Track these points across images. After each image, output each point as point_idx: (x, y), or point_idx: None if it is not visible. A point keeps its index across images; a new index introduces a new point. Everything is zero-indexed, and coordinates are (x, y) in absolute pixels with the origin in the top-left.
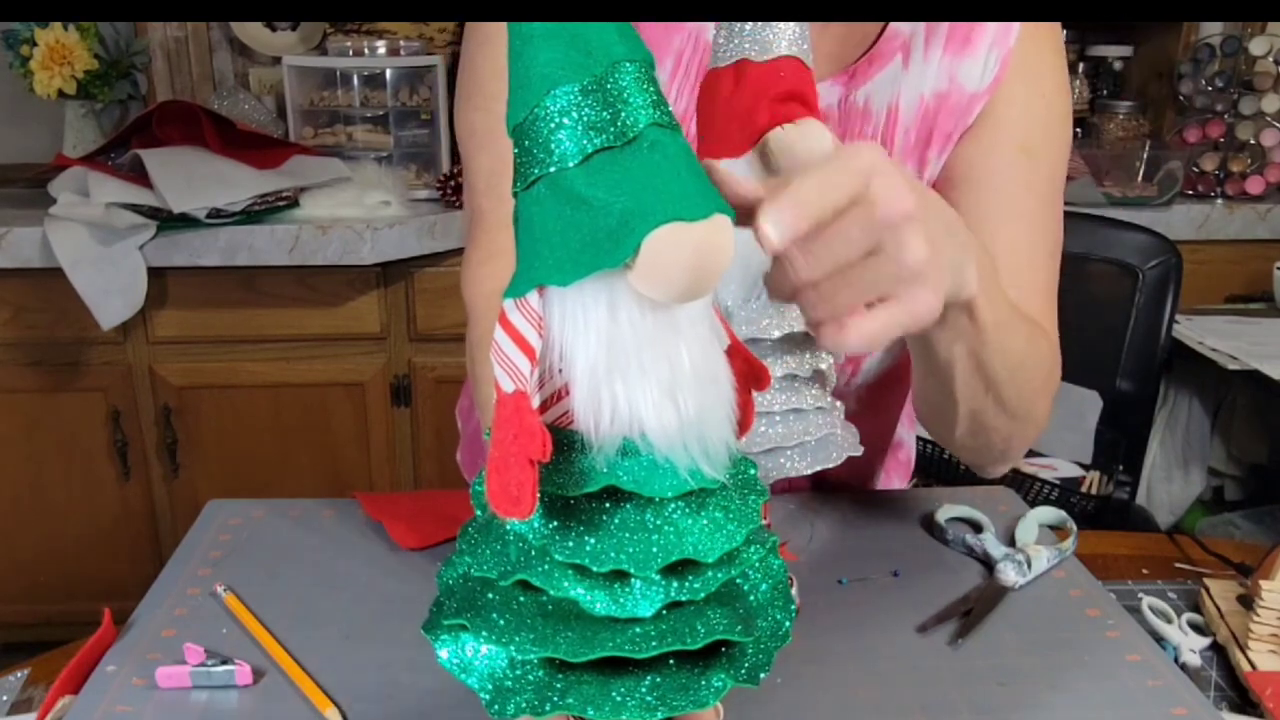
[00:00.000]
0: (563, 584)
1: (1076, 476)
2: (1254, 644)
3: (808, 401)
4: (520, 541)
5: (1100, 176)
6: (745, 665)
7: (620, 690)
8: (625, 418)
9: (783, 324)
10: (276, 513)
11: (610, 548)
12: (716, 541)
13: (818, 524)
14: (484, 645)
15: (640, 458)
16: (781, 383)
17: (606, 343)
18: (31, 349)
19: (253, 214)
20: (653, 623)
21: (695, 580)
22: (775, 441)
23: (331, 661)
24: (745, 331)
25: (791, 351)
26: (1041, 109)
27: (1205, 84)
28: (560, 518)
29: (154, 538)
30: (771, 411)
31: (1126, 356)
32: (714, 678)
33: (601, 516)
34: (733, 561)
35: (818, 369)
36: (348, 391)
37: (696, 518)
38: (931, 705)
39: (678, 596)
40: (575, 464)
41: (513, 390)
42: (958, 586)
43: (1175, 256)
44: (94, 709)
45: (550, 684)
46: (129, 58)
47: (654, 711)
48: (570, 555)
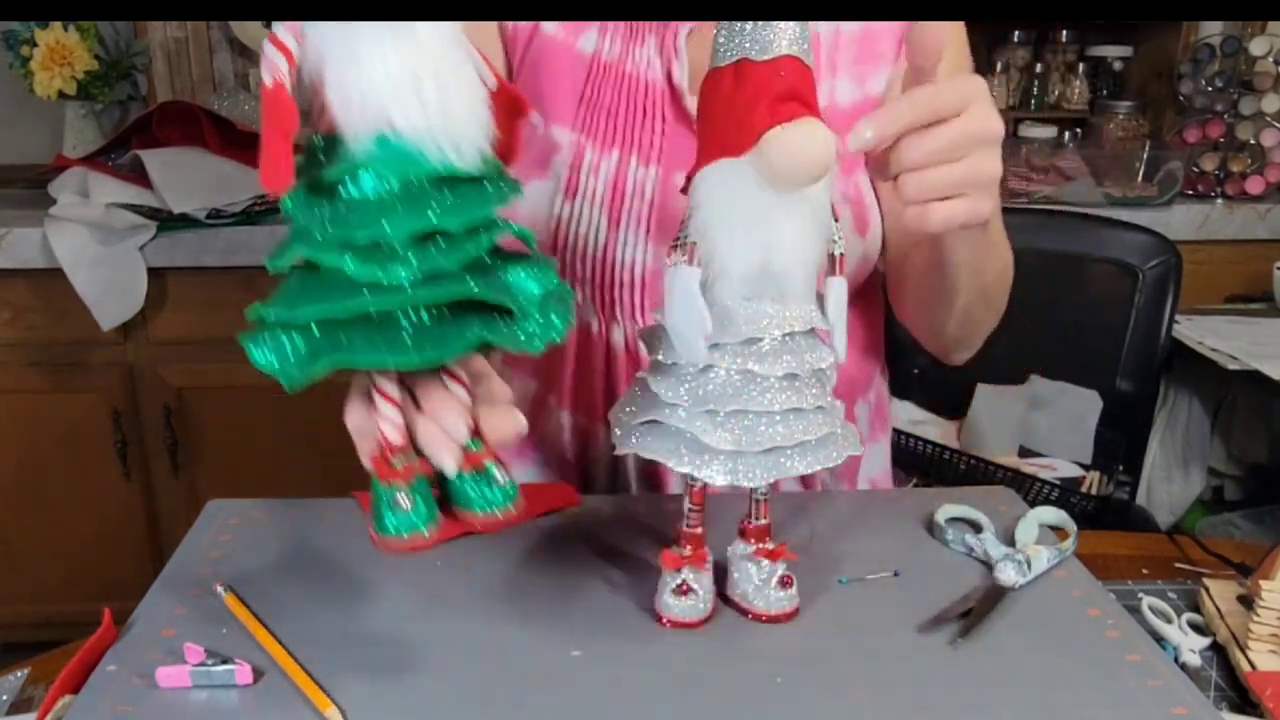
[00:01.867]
0: (331, 257)
1: (1076, 476)
2: (1254, 644)
3: (808, 401)
4: (301, 230)
5: (1100, 176)
6: (512, 332)
7: (382, 341)
8: (373, 108)
9: (783, 324)
10: (276, 513)
11: (367, 221)
12: (462, 215)
13: (818, 524)
14: (282, 333)
15: (392, 145)
16: (782, 382)
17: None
18: (32, 349)
19: (253, 214)
20: (412, 287)
21: (448, 249)
22: (775, 441)
23: (331, 661)
24: (745, 331)
25: (792, 351)
26: (948, 67)
27: (1205, 84)
28: (328, 200)
29: (154, 538)
30: (772, 411)
31: (1126, 356)
32: (469, 330)
33: (358, 196)
34: (482, 234)
35: (818, 369)
36: (348, 392)
37: (442, 195)
38: (931, 705)
39: (434, 265)
40: (338, 156)
41: (272, 84)
42: (958, 586)
43: (1175, 256)
44: (94, 709)
45: (324, 343)
46: (129, 58)
47: (409, 354)
48: (336, 230)
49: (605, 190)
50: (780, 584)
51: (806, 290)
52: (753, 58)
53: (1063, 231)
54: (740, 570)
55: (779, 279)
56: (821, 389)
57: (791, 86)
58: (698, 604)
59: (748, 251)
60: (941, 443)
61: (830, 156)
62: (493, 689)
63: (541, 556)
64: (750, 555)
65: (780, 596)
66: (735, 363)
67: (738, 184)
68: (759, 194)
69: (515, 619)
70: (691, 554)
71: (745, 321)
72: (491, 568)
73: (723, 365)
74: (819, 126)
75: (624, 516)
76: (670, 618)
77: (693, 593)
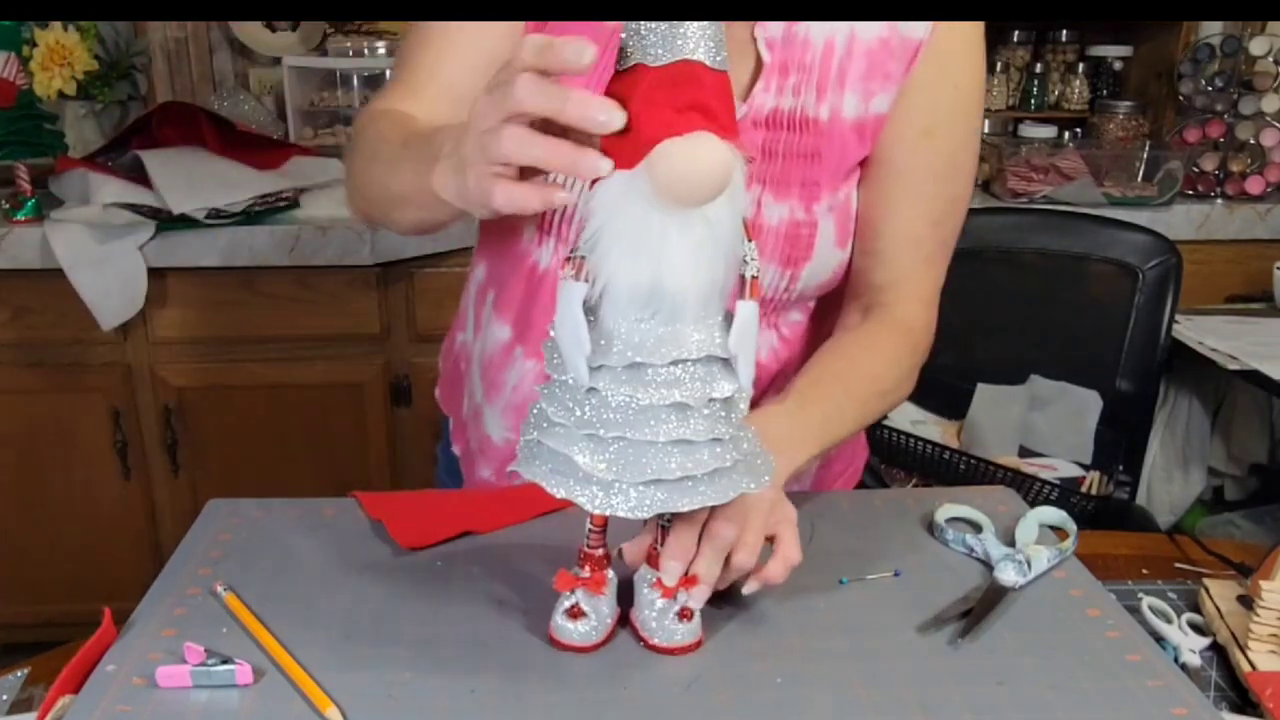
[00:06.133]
0: None
1: (1076, 476)
2: (1254, 644)
3: (699, 433)
4: None
5: (1100, 176)
6: None
7: None
8: None
9: (674, 349)
10: (276, 513)
11: None
12: None
13: (818, 524)
14: None
15: None
16: (669, 411)
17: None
18: (31, 349)
19: (252, 214)
20: None
21: None
22: (658, 473)
23: (331, 661)
24: (631, 356)
25: (682, 380)
26: (949, 94)
27: (1205, 84)
28: None
29: (154, 538)
30: (655, 441)
31: (1126, 356)
32: None
33: None
34: None
35: (714, 399)
36: (348, 392)
37: None
38: (931, 705)
39: None
40: None
41: None
42: (958, 586)
43: (1175, 256)
44: (94, 709)
45: None
46: (129, 58)
47: None
48: None
49: None
50: (679, 617)
51: (703, 314)
52: (648, 63)
53: (1063, 231)
54: (642, 597)
55: (670, 300)
56: (720, 420)
57: (693, 96)
58: (591, 629)
59: (635, 270)
60: (941, 443)
61: (726, 174)
62: (493, 689)
63: (541, 557)
64: (652, 584)
65: (678, 630)
66: (620, 388)
67: (629, 198)
68: (649, 209)
69: (516, 619)
70: (589, 576)
71: (629, 344)
72: (492, 568)
73: (607, 389)
74: (713, 142)
75: None
76: (561, 640)
77: (585, 617)
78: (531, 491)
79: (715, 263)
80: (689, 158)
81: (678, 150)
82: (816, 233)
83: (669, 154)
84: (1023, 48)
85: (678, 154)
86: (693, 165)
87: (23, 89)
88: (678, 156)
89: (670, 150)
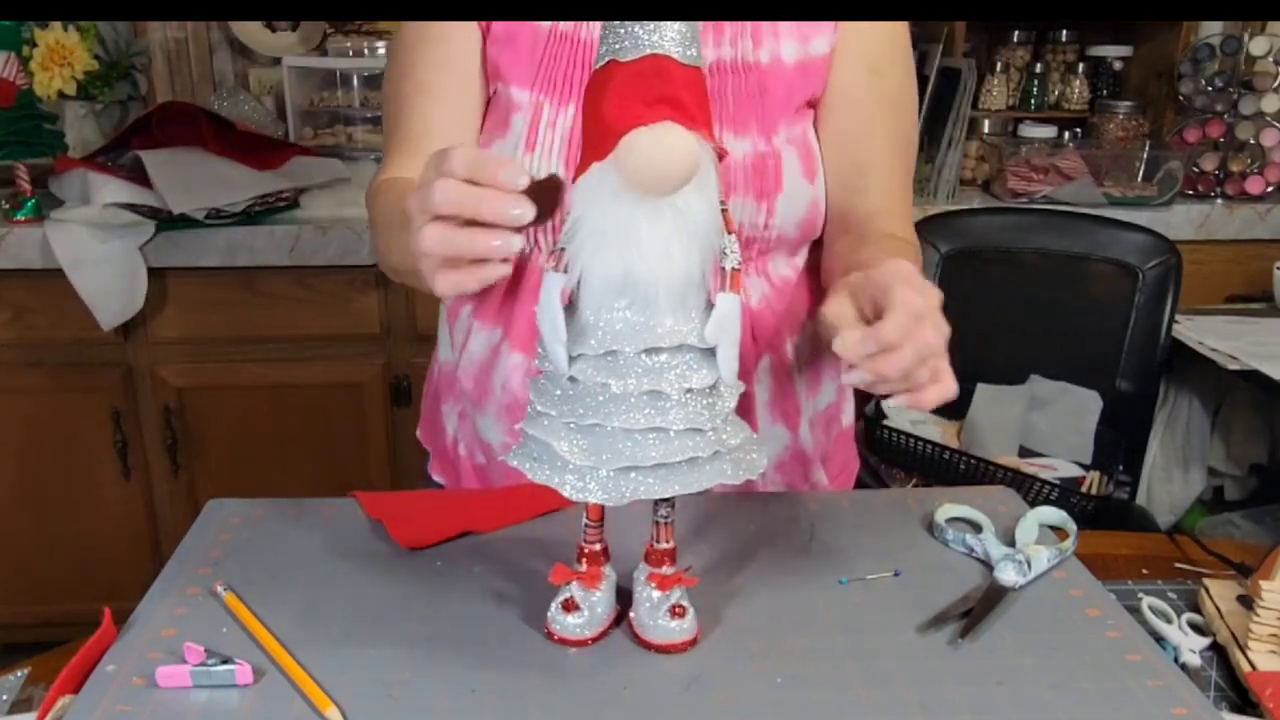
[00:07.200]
0: None
1: (1076, 476)
2: (1254, 644)
3: (675, 422)
4: None
5: (1100, 176)
6: None
7: None
8: None
9: (646, 338)
10: (276, 513)
11: None
12: None
13: (818, 524)
14: None
15: None
16: (643, 399)
17: None
18: (32, 349)
19: (252, 214)
20: None
21: None
22: (633, 460)
23: (331, 661)
24: (608, 344)
25: (655, 368)
26: (884, 34)
27: (1205, 84)
28: None
29: (154, 538)
30: (630, 429)
31: (1126, 356)
32: None
33: None
34: None
35: (690, 388)
36: (348, 392)
37: None
38: (931, 705)
39: None
40: None
41: None
42: (958, 586)
43: (1175, 256)
44: (94, 709)
45: None
46: (129, 58)
47: None
48: None
49: (561, 143)
50: (671, 613)
51: (678, 305)
52: (620, 58)
53: (1063, 231)
54: (638, 593)
55: (643, 290)
56: (701, 411)
57: (662, 89)
58: (584, 622)
59: (607, 260)
60: (941, 443)
61: (692, 162)
62: (494, 688)
63: (541, 556)
64: (646, 579)
65: (670, 627)
66: (597, 376)
67: (602, 190)
68: (620, 200)
69: (516, 619)
70: (585, 570)
71: (606, 333)
72: (492, 567)
73: (584, 377)
74: (678, 131)
75: (625, 514)
76: (557, 633)
77: (578, 610)
78: (531, 491)
79: (689, 253)
80: (654, 146)
81: (643, 140)
82: (782, 164)
83: (635, 144)
84: (1023, 48)
85: (643, 143)
86: (657, 154)
87: (23, 89)
88: (643, 146)
89: (636, 140)
